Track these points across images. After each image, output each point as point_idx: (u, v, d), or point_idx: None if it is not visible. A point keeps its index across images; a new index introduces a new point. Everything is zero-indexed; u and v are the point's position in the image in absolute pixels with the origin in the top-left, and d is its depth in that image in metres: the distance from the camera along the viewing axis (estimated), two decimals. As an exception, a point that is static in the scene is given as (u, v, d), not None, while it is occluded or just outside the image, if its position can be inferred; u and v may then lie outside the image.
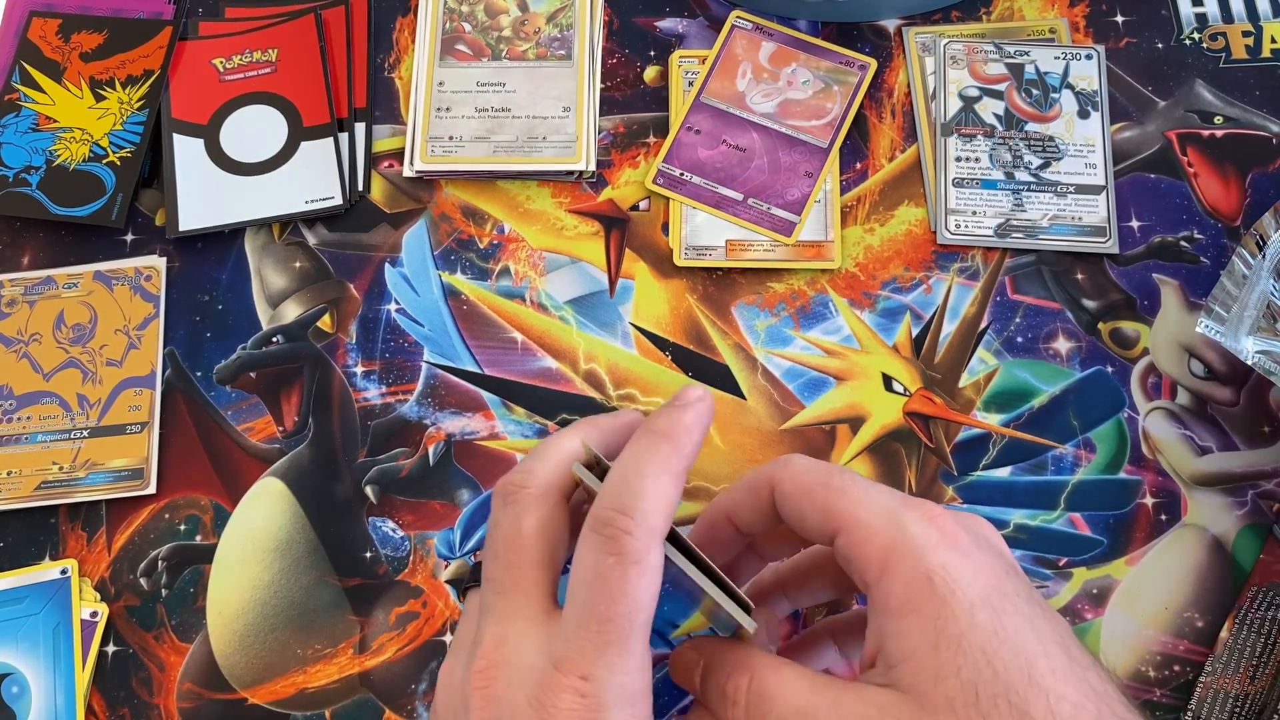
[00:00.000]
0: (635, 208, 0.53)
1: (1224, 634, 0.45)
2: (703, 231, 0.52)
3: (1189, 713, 0.43)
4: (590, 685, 0.28)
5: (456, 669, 0.32)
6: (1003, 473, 0.48)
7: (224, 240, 0.53)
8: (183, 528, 0.48)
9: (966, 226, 0.52)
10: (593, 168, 0.53)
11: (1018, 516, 0.47)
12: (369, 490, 0.48)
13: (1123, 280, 0.51)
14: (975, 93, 0.55)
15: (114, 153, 0.54)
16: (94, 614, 0.46)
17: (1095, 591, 0.46)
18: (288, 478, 0.49)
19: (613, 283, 0.52)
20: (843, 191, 0.53)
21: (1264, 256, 0.48)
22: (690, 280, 0.52)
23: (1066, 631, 0.29)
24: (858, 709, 0.28)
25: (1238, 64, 0.55)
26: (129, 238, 0.54)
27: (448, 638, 0.46)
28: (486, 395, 0.50)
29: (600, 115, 0.55)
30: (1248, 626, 0.44)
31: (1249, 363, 0.46)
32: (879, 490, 0.31)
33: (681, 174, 0.53)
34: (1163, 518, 0.47)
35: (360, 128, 0.55)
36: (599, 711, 0.28)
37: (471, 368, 0.51)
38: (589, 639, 0.28)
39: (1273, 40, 0.56)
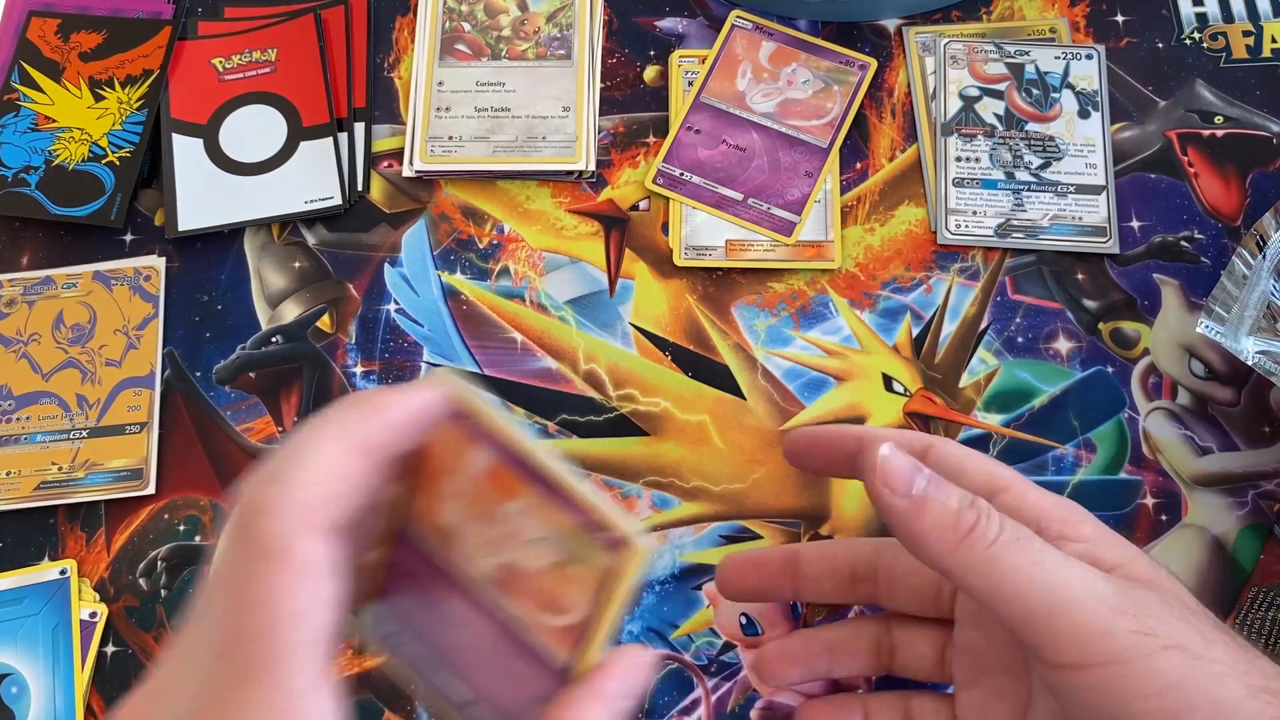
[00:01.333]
0: (635, 208, 0.53)
1: None
2: (703, 231, 0.52)
3: None
4: None
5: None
6: (1003, 473, 0.48)
7: (223, 240, 0.53)
8: (182, 528, 0.48)
9: (967, 226, 0.52)
10: (592, 168, 0.53)
11: (1018, 517, 0.47)
12: (368, 490, 0.48)
13: (1123, 280, 0.51)
14: (975, 92, 0.54)
15: (113, 153, 0.54)
16: (93, 614, 0.46)
17: (1095, 592, 0.46)
18: (287, 478, 0.49)
19: (612, 283, 0.52)
20: (843, 191, 0.53)
21: (1264, 257, 0.48)
22: (690, 280, 0.52)
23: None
24: None
25: (1238, 64, 0.55)
26: (128, 238, 0.54)
27: (447, 638, 0.46)
28: (486, 395, 0.50)
29: (600, 115, 0.55)
30: (1248, 627, 0.44)
31: (1249, 363, 0.46)
32: (1074, 572, 0.29)
33: (681, 174, 0.53)
34: (1163, 518, 0.47)
35: (360, 128, 0.55)
36: None
37: (471, 368, 0.50)
38: (222, 670, 0.21)
39: (1273, 40, 0.56)
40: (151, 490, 0.48)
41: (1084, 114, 0.54)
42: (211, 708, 0.20)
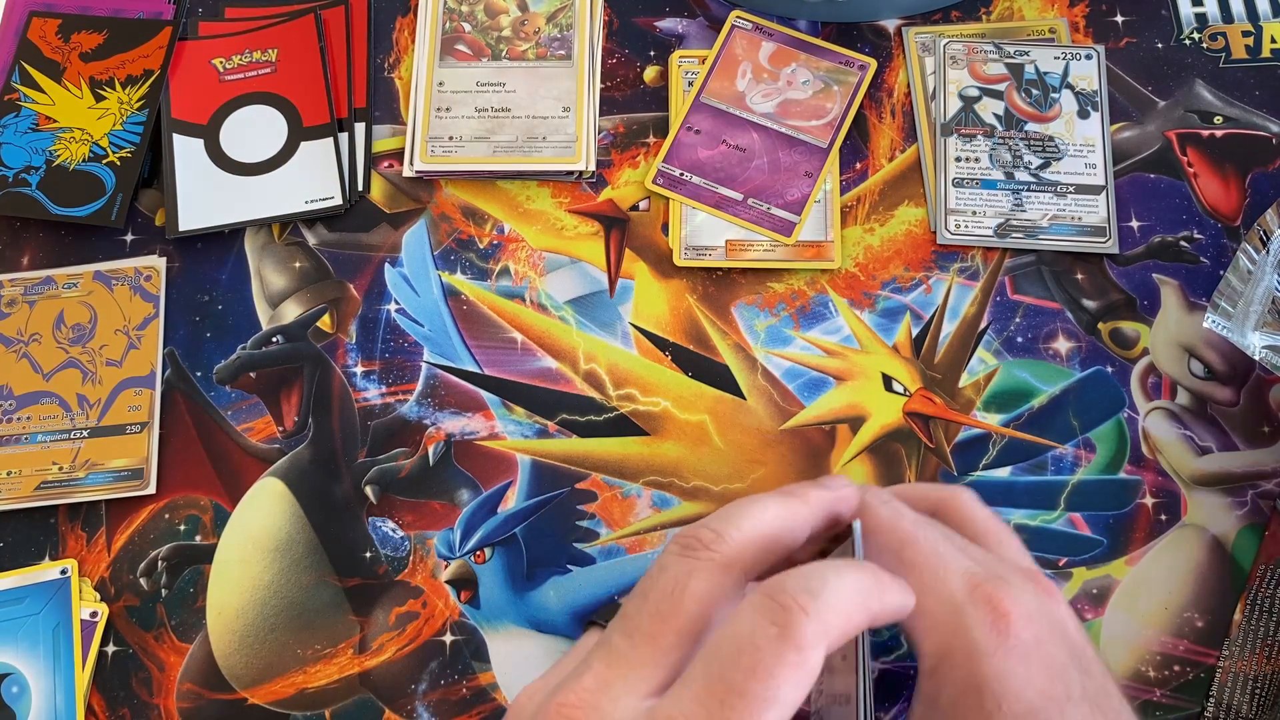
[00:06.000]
0: (635, 208, 0.53)
1: (1237, 616, 0.45)
2: (702, 231, 0.52)
3: (1210, 699, 0.43)
4: None
5: (539, 694, 0.29)
6: (1003, 473, 0.48)
7: (224, 240, 0.53)
8: (182, 528, 0.48)
9: (966, 226, 0.52)
10: (592, 168, 0.53)
11: (1017, 516, 0.47)
12: (369, 490, 0.48)
13: (1123, 280, 0.51)
14: (975, 93, 0.55)
15: (114, 153, 0.54)
16: (94, 614, 0.46)
17: (1095, 591, 0.46)
18: (288, 478, 0.49)
19: (612, 283, 0.52)
20: (843, 191, 0.53)
21: (1268, 252, 0.48)
22: (690, 280, 0.52)
23: None
24: None
25: (1237, 64, 0.55)
26: (129, 238, 0.54)
27: (448, 637, 0.46)
28: (486, 395, 0.50)
29: (600, 115, 0.55)
30: (1259, 607, 0.44)
31: (1256, 358, 0.46)
32: (953, 568, 0.30)
33: (681, 174, 0.53)
34: (1163, 518, 0.47)
35: (360, 128, 0.55)
36: None
37: (471, 368, 0.51)
38: (710, 707, 0.24)
39: (1272, 40, 0.56)
40: (152, 490, 0.48)
41: (1083, 114, 0.54)
42: (701, 714, 0.24)
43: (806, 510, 0.30)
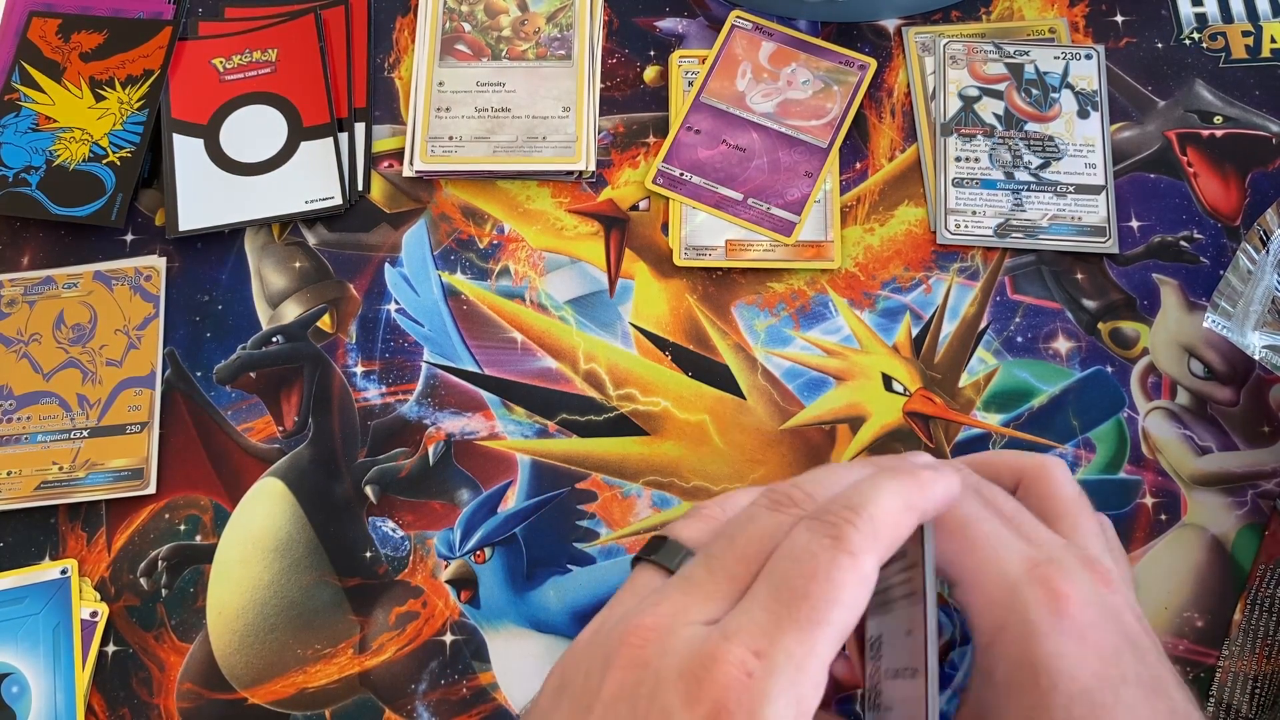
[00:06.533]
0: (635, 208, 0.53)
1: (1237, 616, 0.45)
2: (702, 231, 0.52)
3: (1211, 699, 0.43)
4: (761, 663, 0.24)
5: (609, 622, 0.29)
6: (1002, 473, 0.48)
7: (224, 240, 0.53)
8: (183, 528, 0.48)
9: (966, 226, 0.52)
10: (592, 168, 0.53)
11: (1017, 516, 0.47)
12: (369, 490, 0.48)
13: (1123, 280, 0.51)
14: (975, 93, 0.55)
15: (114, 153, 0.54)
16: (94, 614, 0.46)
17: (1095, 591, 0.46)
18: (288, 478, 0.49)
19: (612, 283, 0.52)
20: (843, 191, 0.53)
21: (1268, 252, 0.48)
22: (690, 280, 0.52)
23: (1169, 711, 0.29)
24: None
25: (1237, 64, 0.55)
26: (129, 238, 0.54)
27: (448, 637, 0.46)
28: (486, 395, 0.50)
29: (600, 115, 0.55)
30: (1259, 606, 0.44)
31: (1256, 358, 0.46)
32: (1011, 550, 0.30)
33: (681, 174, 0.53)
34: (1162, 518, 0.47)
35: (360, 128, 0.55)
36: (760, 698, 0.24)
37: (471, 368, 0.51)
38: (776, 611, 0.25)
39: (1272, 40, 0.56)
40: (152, 490, 0.48)
41: (1083, 114, 0.54)
42: (749, 634, 0.25)
43: (932, 507, 0.30)
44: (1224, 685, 0.43)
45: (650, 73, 0.56)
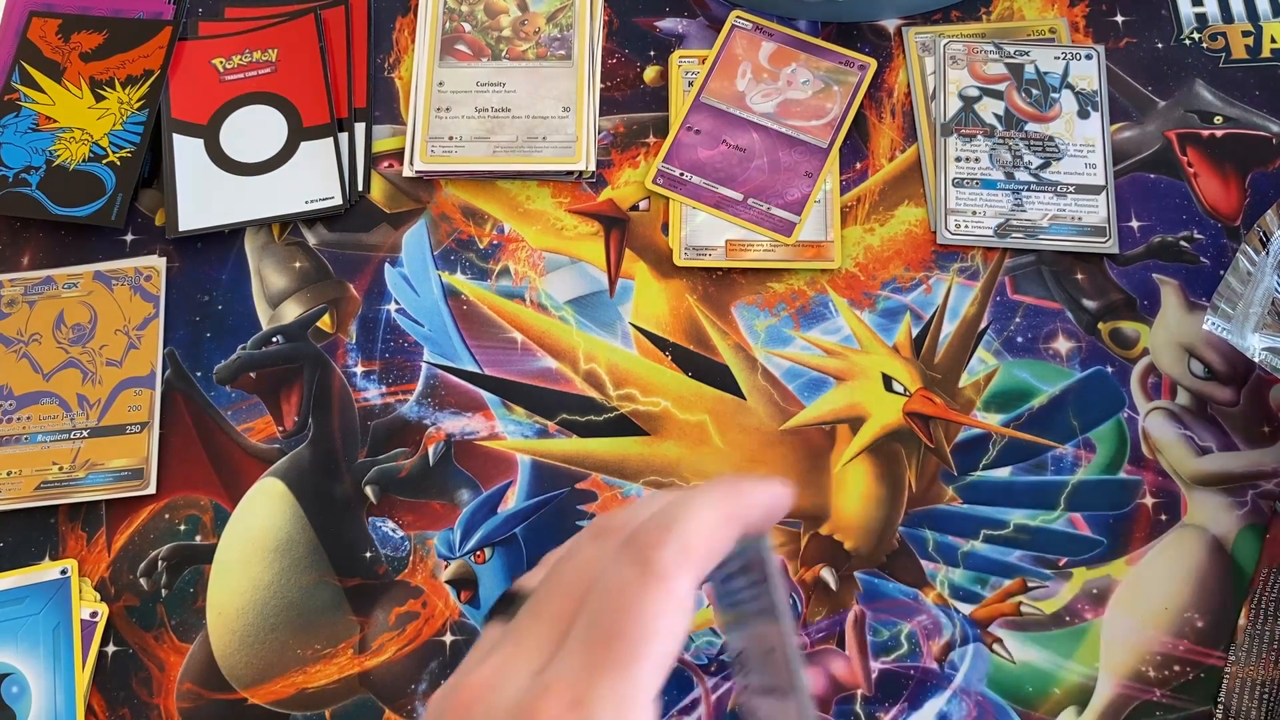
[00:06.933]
0: (635, 208, 0.53)
1: (1242, 621, 0.45)
2: (703, 231, 0.52)
3: (1219, 705, 0.43)
4: (579, 714, 0.23)
5: (448, 684, 0.28)
6: (1003, 473, 0.48)
7: (224, 240, 0.53)
8: (183, 528, 0.48)
9: (966, 226, 0.52)
10: (593, 168, 0.53)
11: (1018, 516, 0.47)
12: (369, 490, 0.48)
13: (1123, 280, 0.51)
14: (975, 93, 0.55)
15: (114, 153, 0.54)
16: (94, 614, 0.46)
17: (1095, 592, 0.46)
18: (288, 478, 0.49)
19: (612, 283, 0.52)
20: (843, 191, 0.53)
21: (1268, 253, 0.48)
22: (690, 280, 0.52)
23: None
24: None
25: (1237, 64, 0.55)
26: (129, 238, 0.54)
27: (448, 637, 0.46)
28: (486, 395, 0.50)
29: (600, 115, 0.55)
30: (1264, 611, 0.44)
31: (1256, 360, 0.46)
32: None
33: (681, 174, 0.53)
34: (1163, 518, 0.47)
35: (360, 128, 0.55)
36: None
37: (471, 368, 0.51)
38: (591, 655, 0.24)
39: (1272, 40, 0.56)
40: (152, 490, 0.48)
41: (1083, 114, 0.54)
42: (566, 684, 0.24)
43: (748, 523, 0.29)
44: (1232, 691, 0.43)
45: (650, 73, 0.56)
